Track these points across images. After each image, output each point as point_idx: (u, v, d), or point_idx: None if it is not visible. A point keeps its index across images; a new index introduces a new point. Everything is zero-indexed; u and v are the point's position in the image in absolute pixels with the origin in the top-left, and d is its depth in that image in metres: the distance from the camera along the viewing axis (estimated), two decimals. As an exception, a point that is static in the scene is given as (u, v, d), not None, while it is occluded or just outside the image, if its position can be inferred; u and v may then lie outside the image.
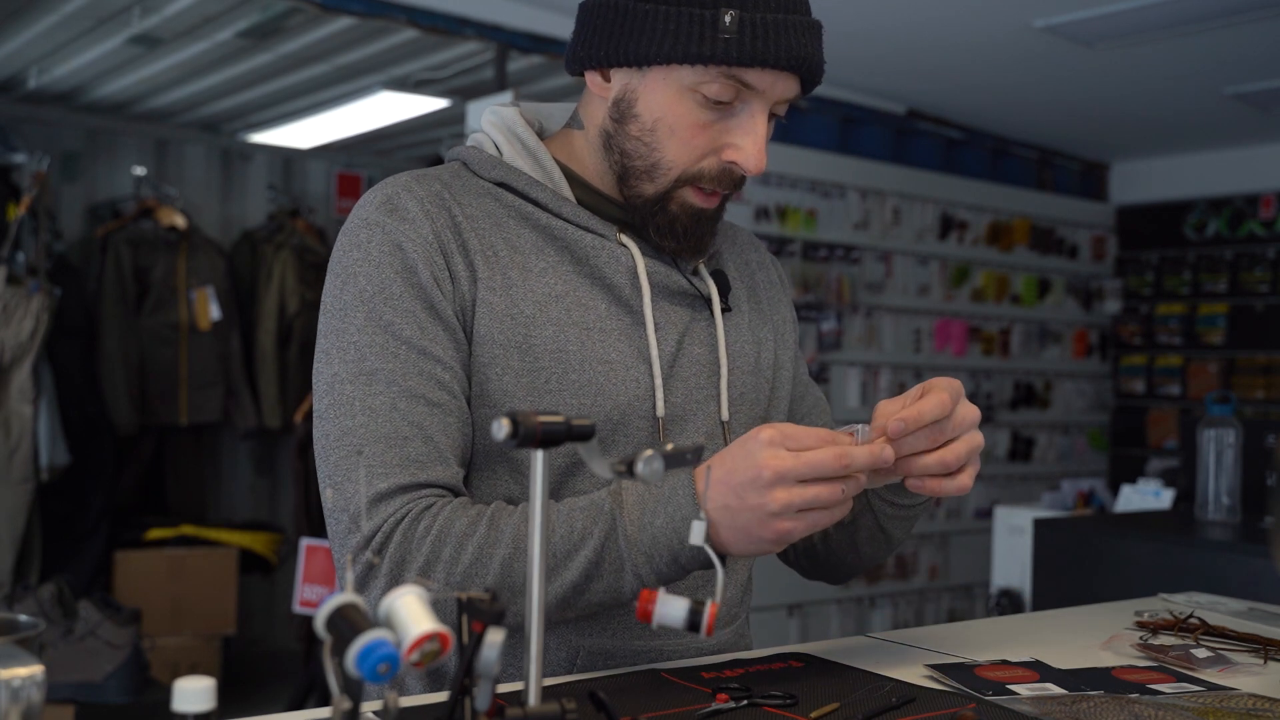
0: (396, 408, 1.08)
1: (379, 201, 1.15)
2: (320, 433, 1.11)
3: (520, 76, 4.39)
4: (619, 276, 1.18)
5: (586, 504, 1.06)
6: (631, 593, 1.05)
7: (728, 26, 1.08)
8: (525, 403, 1.12)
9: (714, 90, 1.11)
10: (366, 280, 1.12)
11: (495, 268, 1.15)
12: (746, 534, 1.00)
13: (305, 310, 5.07)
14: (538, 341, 1.13)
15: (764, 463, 0.98)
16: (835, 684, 1.06)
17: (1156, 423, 6.09)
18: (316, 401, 1.12)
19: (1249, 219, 5.81)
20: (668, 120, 1.14)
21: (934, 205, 5.30)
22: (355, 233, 1.15)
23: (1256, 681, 1.16)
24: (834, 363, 4.91)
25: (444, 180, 1.19)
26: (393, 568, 1.06)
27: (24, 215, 4.04)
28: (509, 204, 1.19)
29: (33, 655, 0.78)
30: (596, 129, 1.21)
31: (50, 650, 3.49)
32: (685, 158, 1.15)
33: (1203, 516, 2.55)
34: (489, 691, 0.74)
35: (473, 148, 1.24)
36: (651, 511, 1.03)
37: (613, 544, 1.03)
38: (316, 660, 3.44)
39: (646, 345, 1.18)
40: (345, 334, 1.11)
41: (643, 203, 1.19)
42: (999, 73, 4.63)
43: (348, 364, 1.10)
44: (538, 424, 0.78)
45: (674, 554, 1.03)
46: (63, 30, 4.00)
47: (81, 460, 4.29)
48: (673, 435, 1.19)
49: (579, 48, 1.19)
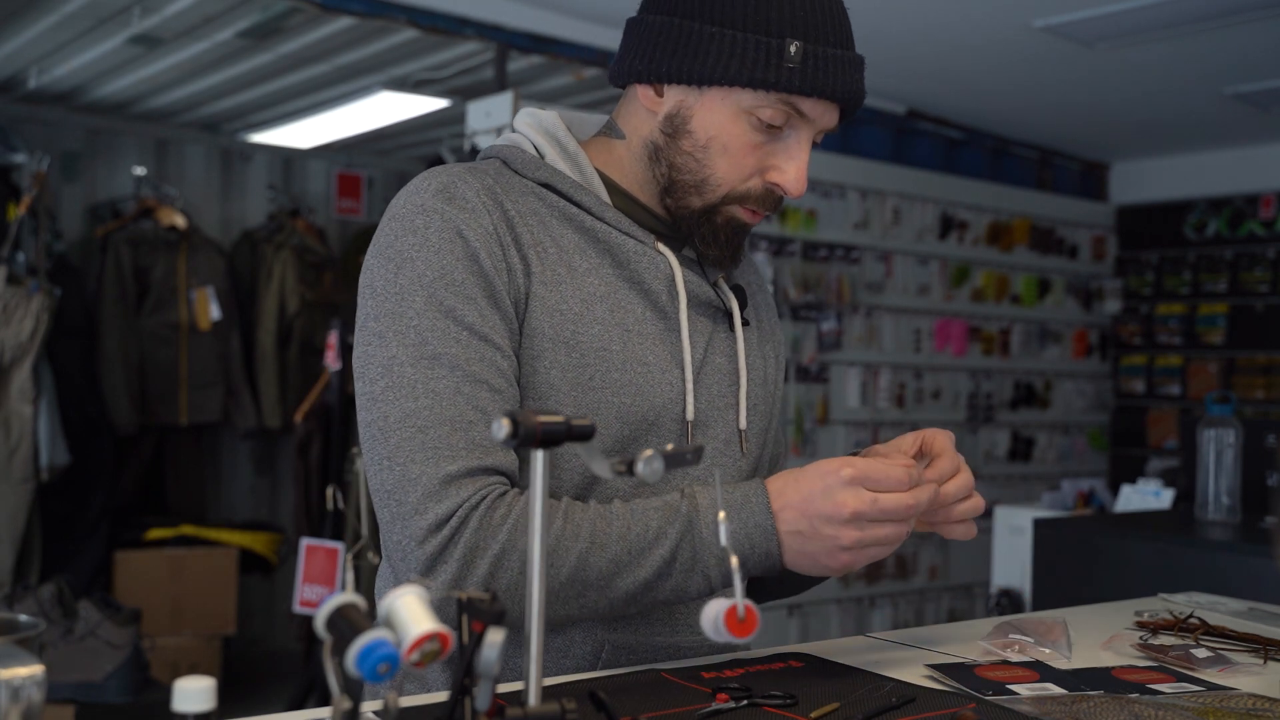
0: (460, 391, 1.09)
1: (435, 189, 1.15)
2: (376, 414, 1.10)
3: (520, 76, 4.39)
4: (657, 283, 1.21)
5: (660, 504, 1.10)
6: (696, 593, 1.11)
7: (792, 56, 1.13)
8: (569, 397, 1.15)
9: (769, 115, 1.16)
10: (425, 265, 1.12)
11: (546, 263, 1.17)
12: (813, 560, 1.09)
13: (305, 310, 5.07)
14: (584, 339, 1.16)
15: (843, 501, 1.06)
16: (835, 684, 1.06)
17: (1156, 423, 6.09)
18: (368, 384, 1.11)
19: (1249, 219, 5.81)
20: (721, 139, 1.18)
21: (934, 205, 5.30)
22: (410, 218, 1.14)
23: (1256, 681, 1.16)
24: (834, 363, 4.91)
25: (492, 175, 1.20)
26: (466, 553, 1.06)
27: (24, 215, 4.04)
28: (552, 204, 1.21)
29: (33, 655, 0.78)
30: (642, 140, 1.24)
31: (50, 650, 3.49)
32: (734, 176, 1.20)
33: (1203, 516, 2.55)
34: (489, 691, 0.74)
35: (512, 147, 1.25)
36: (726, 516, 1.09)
37: (687, 544, 1.08)
38: (316, 660, 3.44)
39: (680, 350, 1.22)
40: (403, 317, 1.11)
41: (688, 214, 1.23)
42: (999, 73, 4.63)
43: (407, 347, 1.10)
44: (538, 424, 0.78)
45: (743, 557, 1.09)
46: (63, 30, 4.00)
47: (81, 460, 4.29)
48: (697, 439, 1.23)
49: (633, 60, 1.21)
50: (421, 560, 1.06)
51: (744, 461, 1.27)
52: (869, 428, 5.05)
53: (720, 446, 1.24)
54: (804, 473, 1.10)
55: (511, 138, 1.28)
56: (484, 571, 1.06)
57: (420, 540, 1.06)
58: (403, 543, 1.08)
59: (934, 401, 5.33)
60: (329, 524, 3.82)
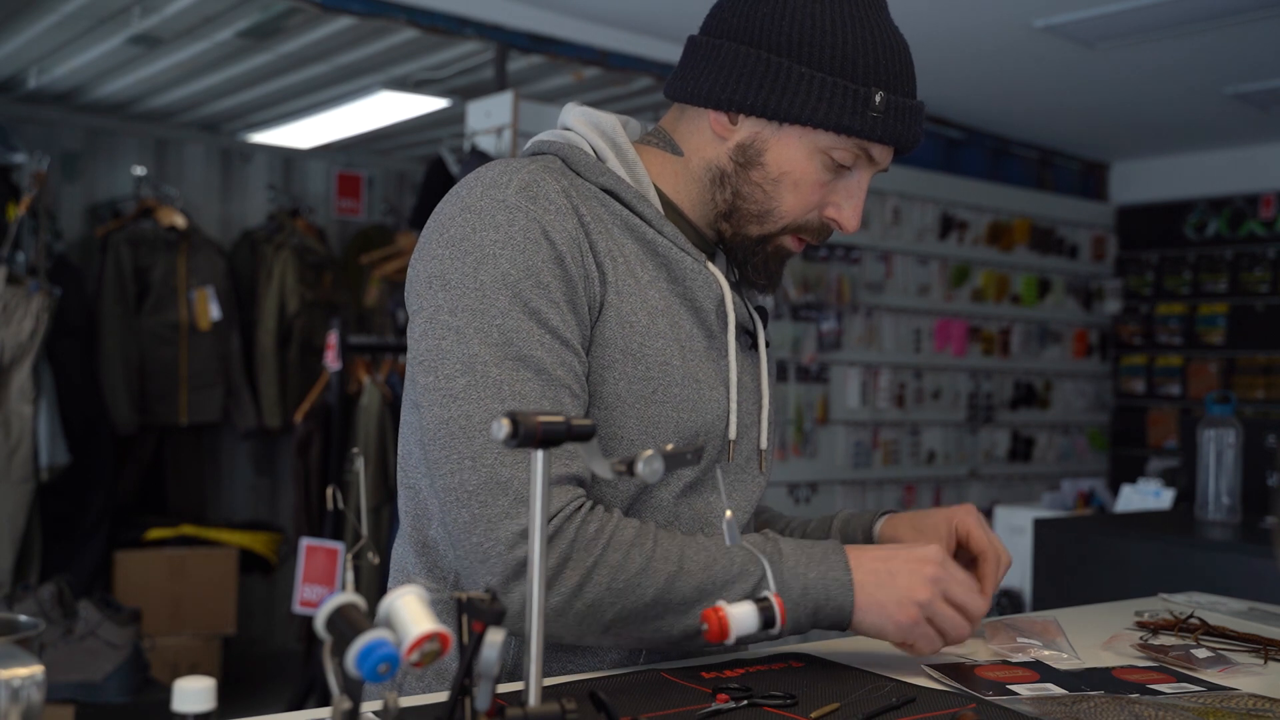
0: (546, 396, 1.08)
1: (519, 185, 1.13)
2: (456, 412, 1.07)
3: (520, 76, 4.39)
4: (708, 302, 1.22)
5: (744, 543, 1.13)
6: (767, 634, 1.13)
7: (877, 105, 1.17)
8: (634, 410, 1.15)
9: (841, 156, 1.20)
10: (510, 264, 1.10)
11: (617, 272, 1.16)
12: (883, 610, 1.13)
13: (305, 310, 5.07)
14: (649, 351, 1.16)
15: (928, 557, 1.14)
16: (835, 684, 1.06)
17: (1156, 423, 6.09)
18: (445, 379, 1.09)
19: (1249, 219, 5.81)
20: (794, 175, 1.20)
21: (934, 205, 5.30)
22: (491, 213, 1.12)
23: (1256, 681, 1.16)
24: (834, 363, 4.91)
25: (562, 175, 1.18)
26: (559, 562, 1.05)
27: (24, 215, 4.03)
28: (615, 211, 1.20)
29: (33, 655, 0.78)
30: (705, 163, 1.24)
31: (50, 650, 3.49)
32: (797, 210, 1.22)
33: (1203, 516, 2.54)
34: (489, 691, 0.74)
35: (571, 147, 1.23)
36: (806, 564, 1.13)
37: (767, 586, 1.11)
38: (316, 660, 3.44)
39: (724, 369, 1.23)
40: (486, 315, 1.09)
41: (743, 241, 1.24)
42: (999, 73, 4.63)
43: (491, 346, 1.08)
44: (538, 424, 0.78)
45: (817, 607, 1.13)
46: (63, 30, 4.00)
47: (81, 460, 4.29)
48: (735, 458, 1.25)
49: (709, 85, 1.21)
50: (509, 565, 1.04)
51: (761, 480, 1.29)
52: (869, 428, 5.05)
53: (743, 464, 1.26)
54: (899, 552, 1.16)
55: (566, 136, 1.25)
56: (574, 583, 1.05)
57: (510, 544, 1.04)
58: (484, 545, 1.05)
59: (934, 401, 5.33)
60: (329, 524, 3.82)
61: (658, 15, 4.09)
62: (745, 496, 1.26)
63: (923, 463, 5.29)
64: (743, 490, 1.26)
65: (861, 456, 5.01)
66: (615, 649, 1.17)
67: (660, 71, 4.39)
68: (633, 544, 1.07)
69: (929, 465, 5.31)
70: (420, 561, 1.20)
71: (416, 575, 1.22)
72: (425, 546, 1.20)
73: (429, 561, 1.19)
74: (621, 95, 4.61)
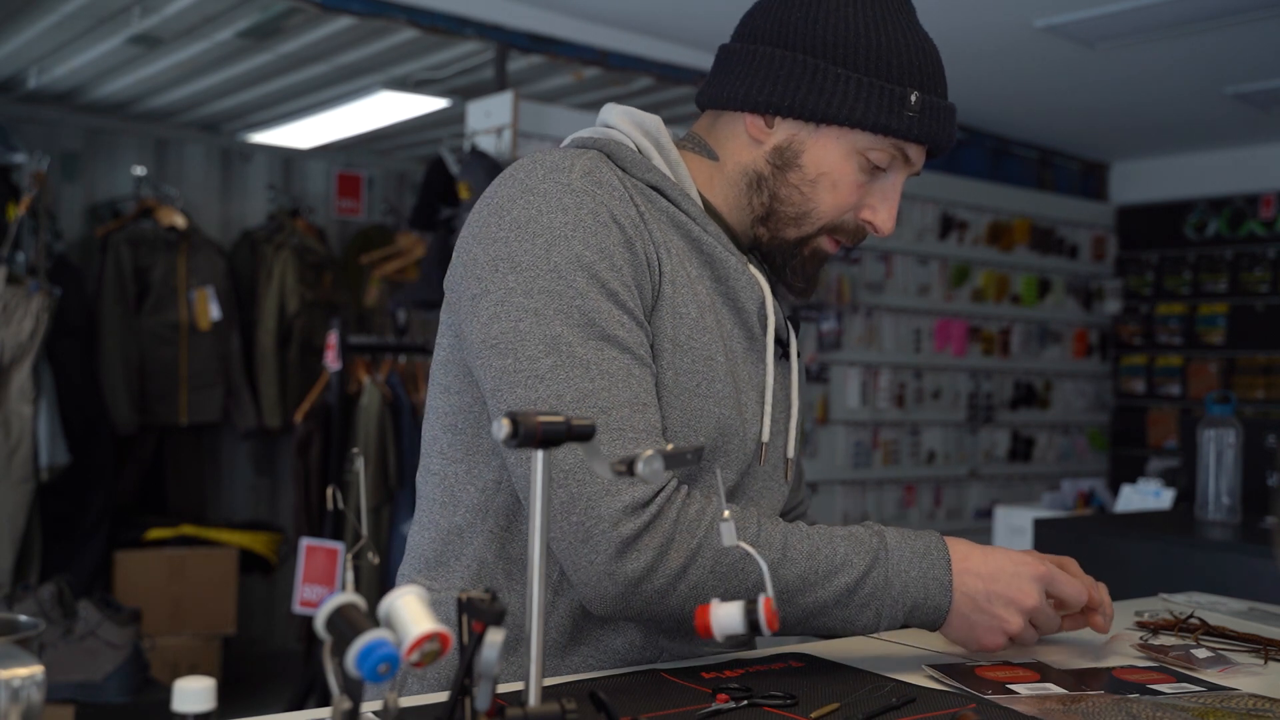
0: (632, 374, 1.08)
1: (582, 170, 1.13)
2: (545, 392, 1.05)
3: (520, 76, 4.39)
4: (750, 304, 1.22)
5: (846, 534, 1.13)
6: (863, 628, 1.13)
7: (913, 105, 1.18)
8: (679, 402, 1.14)
9: (878, 156, 1.20)
10: (584, 245, 1.09)
11: (671, 263, 1.16)
12: (971, 628, 1.13)
13: (305, 310, 5.07)
14: (696, 345, 1.15)
15: (1029, 592, 1.12)
16: (835, 684, 1.06)
17: (1156, 423, 6.09)
18: (528, 361, 1.06)
19: (1249, 219, 5.81)
20: (831, 176, 1.21)
21: (934, 205, 5.30)
22: (558, 196, 1.10)
23: (1257, 681, 1.16)
24: (834, 363, 4.90)
25: (611, 169, 1.18)
26: (664, 541, 1.04)
27: (24, 215, 4.03)
28: (661, 207, 1.20)
29: (33, 655, 0.78)
30: (741, 167, 1.24)
31: (50, 650, 3.49)
32: (834, 211, 1.23)
33: (1203, 516, 2.54)
34: (489, 691, 0.74)
35: (615, 143, 1.22)
36: (909, 560, 1.12)
37: (871, 580, 1.11)
38: (316, 660, 3.44)
39: (761, 373, 1.23)
40: (564, 296, 1.07)
41: (781, 244, 1.25)
42: (999, 73, 4.63)
43: (574, 327, 1.07)
44: (538, 424, 0.78)
45: (915, 605, 1.12)
46: (63, 30, 4.00)
47: (81, 460, 4.29)
48: (766, 462, 1.24)
49: (744, 89, 1.21)
50: (615, 542, 1.03)
51: (785, 489, 1.28)
52: (869, 428, 5.05)
53: (770, 470, 1.25)
54: (992, 549, 1.15)
55: (609, 133, 1.24)
56: (678, 564, 1.05)
57: (615, 522, 1.03)
58: (586, 524, 1.04)
59: (934, 401, 5.34)
60: (329, 524, 3.82)
61: (658, 15, 4.09)
62: (770, 503, 1.25)
63: (923, 463, 5.29)
64: (769, 497, 1.25)
65: (861, 456, 5.02)
66: (642, 649, 1.16)
67: (660, 71, 4.39)
68: (739, 527, 1.08)
69: (929, 465, 5.31)
70: (443, 548, 1.18)
71: (438, 561, 1.19)
72: (450, 534, 1.18)
73: (453, 549, 1.17)
74: (621, 95, 4.61)
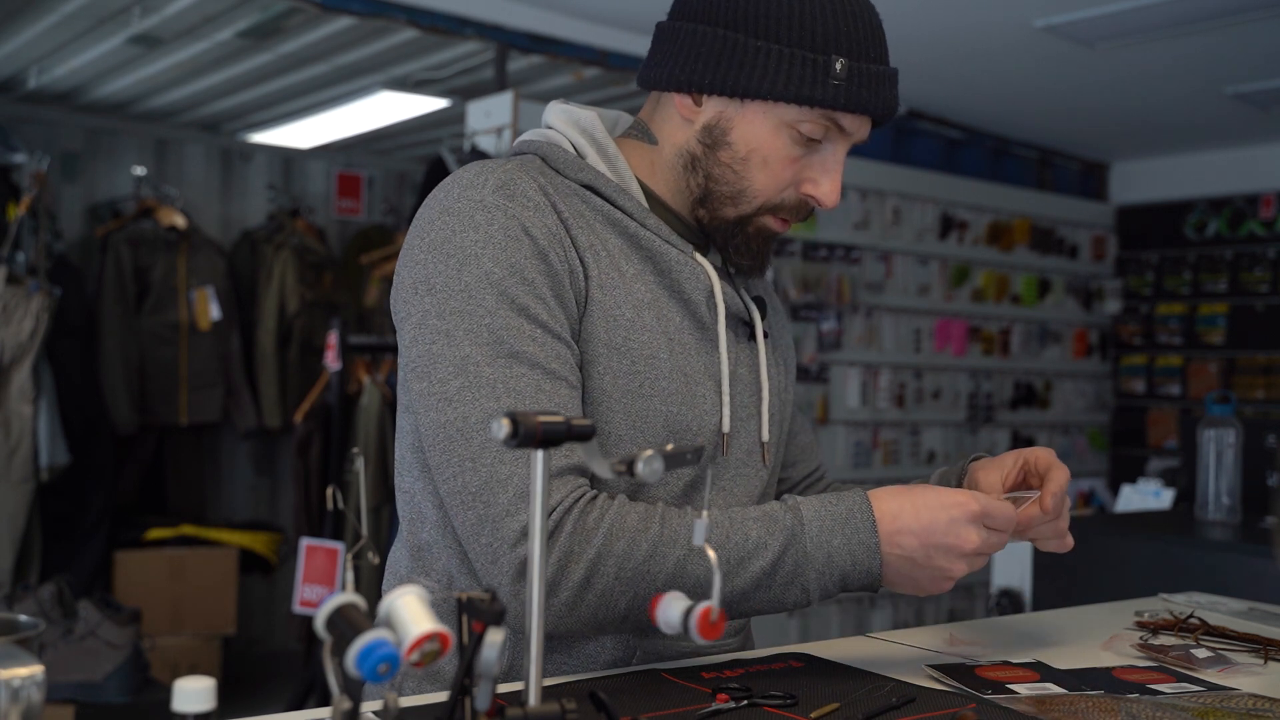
0: (542, 389, 1.07)
1: (495, 185, 1.12)
2: (454, 415, 1.06)
3: (520, 76, 4.39)
4: (697, 294, 1.20)
5: (760, 515, 1.10)
6: (793, 604, 1.11)
7: (838, 73, 1.14)
8: (621, 405, 1.13)
9: (809, 129, 1.17)
10: (493, 262, 1.09)
11: (600, 267, 1.15)
12: (914, 583, 1.11)
13: (305, 310, 5.07)
14: (635, 345, 1.14)
15: (967, 537, 1.09)
16: (835, 684, 1.06)
17: (1156, 423, 6.09)
18: (438, 384, 1.08)
19: (1249, 219, 5.81)
20: (762, 152, 1.18)
21: (934, 205, 5.29)
22: (469, 214, 1.11)
23: (1256, 681, 1.16)
24: (834, 363, 4.90)
25: (539, 173, 1.18)
26: (562, 557, 1.03)
27: (24, 215, 4.03)
28: (596, 207, 1.19)
29: (33, 655, 0.78)
30: (676, 149, 1.23)
31: (50, 650, 3.49)
32: (771, 188, 1.20)
33: (1203, 516, 2.54)
34: (489, 691, 0.74)
35: (550, 145, 1.23)
36: (829, 530, 1.09)
37: (790, 558, 1.08)
38: (316, 660, 3.44)
39: (715, 362, 1.21)
40: (474, 315, 1.08)
41: (721, 224, 1.22)
42: (999, 73, 4.63)
43: (482, 346, 1.07)
44: (538, 424, 0.78)
45: (844, 574, 1.10)
46: (63, 30, 4.00)
47: (81, 460, 4.29)
48: (730, 450, 1.23)
49: (671, 67, 1.20)
50: (514, 564, 1.03)
51: (764, 473, 1.27)
52: (869, 428, 5.05)
53: (743, 457, 1.24)
54: (921, 499, 1.10)
55: (547, 134, 1.25)
56: (579, 577, 1.04)
57: (513, 543, 1.03)
58: (493, 545, 1.04)
59: (934, 401, 5.33)
60: (329, 524, 3.82)
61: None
62: (746, 490, 1.24)
63: (923, 463, 5.29)
64: (743, 484, 1.24)
65: (861, 456, 5.01)
66: (613, 649, 1.16)
67: (660, 71, 4.39)
68: (638, 529, 1.06)
69: (929, 465, 5.31)
70: (414, 564, 1.20)
71: (410, 577, 1.21)
72: (419, 549, 1.19)
73: (423, 565, 1.19)
74: (621, 95, 4.61)
